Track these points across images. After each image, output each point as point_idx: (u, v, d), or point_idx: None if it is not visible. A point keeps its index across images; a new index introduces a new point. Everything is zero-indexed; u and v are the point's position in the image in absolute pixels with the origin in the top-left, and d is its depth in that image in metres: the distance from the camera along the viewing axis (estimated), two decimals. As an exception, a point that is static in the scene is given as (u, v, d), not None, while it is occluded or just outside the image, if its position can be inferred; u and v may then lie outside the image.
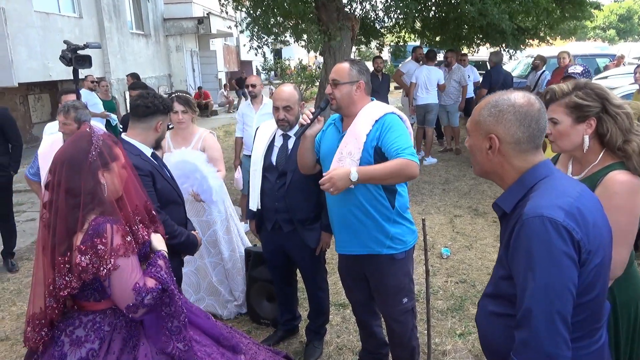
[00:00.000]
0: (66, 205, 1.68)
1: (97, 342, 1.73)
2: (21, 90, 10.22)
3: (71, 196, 1.69)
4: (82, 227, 1.68)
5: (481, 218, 5.65)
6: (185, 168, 3.25)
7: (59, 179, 1.70)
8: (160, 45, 16.61)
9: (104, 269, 1.65)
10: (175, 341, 1.79)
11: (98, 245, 1.64)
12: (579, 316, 1.31)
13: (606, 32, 38.05)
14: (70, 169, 1.70)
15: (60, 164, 1.72)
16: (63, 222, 1.68)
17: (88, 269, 1.64)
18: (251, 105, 5.27)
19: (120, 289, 1.69)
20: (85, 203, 1.69)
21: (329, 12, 7.64)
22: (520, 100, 1.40)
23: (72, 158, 1.72)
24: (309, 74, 18.25)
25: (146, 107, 2.47)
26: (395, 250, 2.46)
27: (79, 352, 1.71)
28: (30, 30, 9.47)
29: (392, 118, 2.38)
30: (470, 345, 3.22)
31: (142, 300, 1.71)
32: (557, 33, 11.15)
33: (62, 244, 1.67)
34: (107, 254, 1.65)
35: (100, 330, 1.75)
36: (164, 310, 1.80)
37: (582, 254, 1.28)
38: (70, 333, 1.74)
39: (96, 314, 1.77)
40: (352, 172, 2.18)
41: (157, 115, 2.51)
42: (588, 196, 1.40)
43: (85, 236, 1.66)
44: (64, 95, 4.48)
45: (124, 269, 1.69)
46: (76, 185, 1.69)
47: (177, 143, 3.50)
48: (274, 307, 3.50)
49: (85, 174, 1.70)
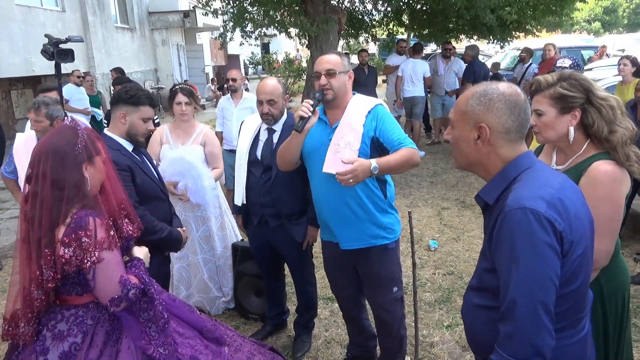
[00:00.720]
0: (52, 197, 1.66)
1: (79, 335, 1.72)
2: (3, 86, 10.05)
3: (57, 188, 1.67)
4: (65, 221, 1.66)
5: (468, 210, 5.68)
6: (182, 166, 3.21)
7: (44, 170, 1.67)
8: (146, 39, 16.40)
9: (87, 261, 1.64)
10: (156, 345, 1.78)
11: (82, 237, 1.63)
12: (562, 307, 1.31)
13: (591, 25, 38.38)
14: (57, 160, 1.68)
15: (46, 156, 1.69)
16: (48, 215, 1.66)
17: (71, 261, 1.63)
18: (231, 100, 5.24)
19: (105, 281, 1.69)
20: (70, 196, 1.68)
21: (315, 4, 7.60)
22: (508, 89, 1.40)
23: (58, 150, 1.70)
24: (296, 68, 18.15)
25: (113, 97, 2.51)
26: (387, 240, 2.50)
27: (62, 346, 1.70)
28: (12, 24, 9.30)
29: (383, 109, 2.45)
30: (457, 336, 3.24)
31: (127, 294, 1.71)
32: (543, 25, 11.23)
33: (46, 237, 1.66)
34: (91, 247, 1.64)
35: (83, 324, 1.74)
36: (142, 315, 1.79)
37: (564, 245, 1.28)
38: (53, 327, 1.73)
39: (78, 308, 1.76)
40: (372, 164, 2.21)
41: (119, 105, 2.49)
42: (570, 187, 1.40)
43: (67, 229, 1.64)
44: (42, 93, 4.38)
45: (108, 262, 1.69)
46: (62, 177, 1.67)
47: (177, 136, 3.45)
48: (261, 301, 3.49)
49: (71, 167, 1.69)
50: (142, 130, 2.53)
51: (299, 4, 7.71)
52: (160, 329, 1.81)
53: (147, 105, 2.51)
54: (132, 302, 1.75)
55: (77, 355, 1.70)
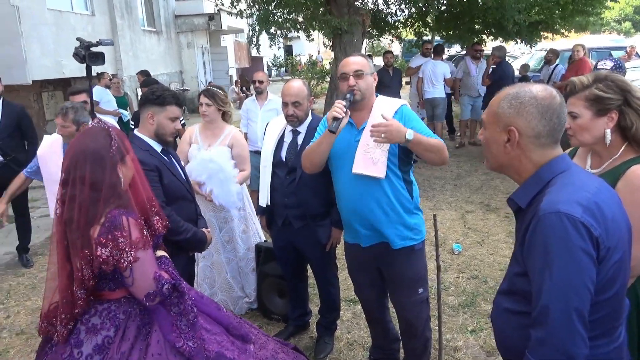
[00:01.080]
0: (89, 199, 1.72)
1: (112, 329, 1.78)
2: (35, 88, 10.33)
3: (95, 190, 1.73)
4: (100, 220, 1.72)
5: (493, 213, 5.60)
6: (210, 167, 3.25)
7: (82, 174, 1.72)
8: (172, 41, 16.68)
9: (124, 261, 1.70)
10: (185, 339, 1.82)
11: (119, 238, 1.69)
12: (597, 314, 1.28)
13: (621, 25, 37.38)
14: (95, 164, 1.74)
15: (83, 160, 1.74)
16: (85, 216, 1.71)
17: (109, 261, 1.69)
18: (256, 101, 5.29)
19: (141, 278, 1.75)
20: (107, 197, 1.73)
21: (340, 6, 7.60)
22: (542, 93, 1.36)
23: (95, 153, 1.76)
24: (319, 70, 18.18)
25: (141, 98, 2.58)
26: (414, 241, 2.49)
27: (95, 339, 1.76)
28: (44, 27, 9.55)
29: (408, 109, 2.47)
30: (482, 341, 3.20)
31: (161, 289, 1.77)
32: (572, 26, 10.98)
33: (84, 237, 1.72)
34: (127, 247, 1.70)
35: (116, 318, 1.80)
36: (173, 309, 1.84)
37: (600, 251, 1.25)
38: (86, 321, 1.79)
39: (111, 303, 1.82)
40: (408, 131, 2.20)
41: (146, 106, 2.55)
42: (606, 191, 1.36)
43: (102, 229, 1.70)
44: (72, 96, 4.46)
45: (144, 260, 1.75)
46: (101, 179, 1.73)
47: (205, 137, 3.49)
48: (284, 302, 3.51)
49: (108, 168, 1.75)
50: (169, 130, 2.57)
51: (324, 5, 7.72)
52: (191, 324, 1.85)
53: (174, 104, 2.55)
54: (166, 297, 1.81)
55: (110, 348, 1.76)
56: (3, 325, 3.78)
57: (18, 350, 3.44)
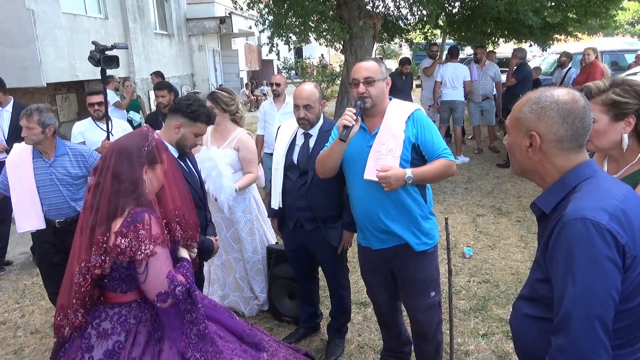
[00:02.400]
0: (111, 188, 1.77)
1: (123, 334, 1.78)
2: (49, 90, 10.47)
3: (116, 181, 1.78)
4: (122, 214, 1.75)
5: (504, 217, 5.57)
6: (207, 166, 3.29)
7: (109, 163, 1.80)
8: (183, 44, 16.81)
9: (141, 253, 1.71)
10: (194, 350, 1.82)
11: (140, 230, 1.71)
12: (620, 323, 1.26)
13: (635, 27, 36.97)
14: (120, 156, 1.81)
15: (111, 151, 1.83)
16: (106, 205, 1.76)
17: (126, 252, 1.71)
18: (273, 104, 5.31)
19: (155, 275, 1.74)
20: (127, 190, 1.77)
21: (351, 10, 7.61)
22: (564, 97, 1.34)
23: (124, 148, 1.83)
24: (329, 73, 18.21)
25: (173, 104, 2.57)
26: (427, 245, 2.50)
27: (106, 344, 1.76)
28: (58, 31, 9.68)
29: (422, 114, 2.47)
30: (493, 346, 3.19)
31: (173, 289, 1.76)
32: (585, 28, 10.89)
33: (102, 225, 1.75)
34: (146, 239, 1.72)
35: (127, 322, 1.80)
36: (186, 317, 1.83)
37: (626, 259, 1.22)
38: (97, 325, 1.79)
39: (122, 307, 1.82)
40: (407, 174, 2.28)
41: (177, 115, 2.56)
42: (634, 198, 1.34)
43: (125, 222, 1.73)
44: (90, 96, 4.55)
45: (160, 256, 1.75)
46: (122, 172, 1.78)
47: (215, 140, 3.53)
48: (295, 304, 3.52)
49: (132, 164, 1.80)
50: (191, 143, 2.62)
51: (334, 10, 7.74)
52: (201, 334, 1.85)
53: (205, 123, 2.59)
54: (179, 300, 1.79)
55: (121, 353, 1.76)
56: (18, 324, 3.84)
57: (33, 349, 3.49)
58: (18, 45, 8.69)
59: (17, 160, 3.30)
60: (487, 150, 8.73)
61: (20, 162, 3.29)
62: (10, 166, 3.30)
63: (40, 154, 3.30)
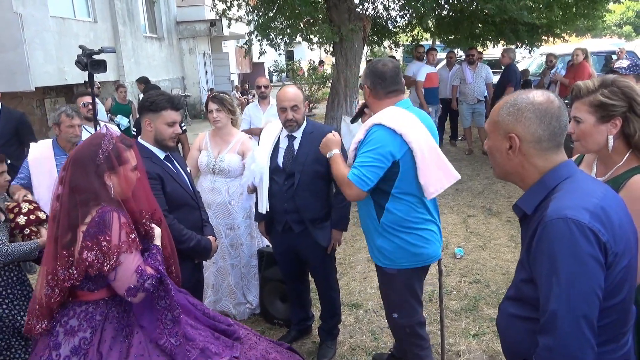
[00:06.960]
0: (69, 201, 1.78)
1: (89, 331, 1.80)
2: (38, 94, 10.38)
3: (73, 193, 1.79)
4: (85, 220, 1.76)
5: (495, 218, 5.60)
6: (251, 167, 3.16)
7: (66, 175, 1.82)
8: (174, 48, 16.75)
9: (107, 265, 1.73)
10: (168, 335, 1.85)
11: (102, 242, 1.72)
12: (604, 320, 1.27)
13: (622, 29, 37.37)
14: (74, 167, 1.81)
15: (68, 162, 1.84)
16: (66, 217, 1.77)
17: (94, 264, 1.73)
18: (258, 106, 5.31)
19: (123, 275, 1.77)
20: (86, 200, 1.78)
21: (340, 12, 7.61)
22: (539, 97, 1.37)
23: (79, 159, 1.83)
24: (320, 75, 18.22)
25: (138, 107, 2.61)
26: (381, 263, 2.51)
27: (72, 341, 1.78)
28: (47, 34, 9.61)
29: (376, 131, 2.32)
30: (484, 345, 3.20)
31: (143, 283, 1.79)
32: (573, 29, 10.98)
33: (64, 236, 1.76)
34: (110, 251, 1.73)
35: (92, 319, 1.82)
36: (160, 303, 1.87)
37: (608, 256, 1.24)
38: (65, 323, 1.82)
39: (89, 305, 1.84)
40: (333, 151, 2.46)
41: (143, 114, 2.56)
42: (612, 196, 1.36)
43: (87, 231, 1.73)
44: (79, 98, 4.57)
45: (128, 263, 1.77)
46: (78, 183, 1.79)
47: (215, 144, 3.50)
48: (287, 307, 3.51)
49: (88, 175, 1.80)
50: (167, 135, 2.55)
51: (324, 13, 7.74)
52: (176, 320, 1.88)
53: (168, 109, 2.52)
54: (150, 292, 1.83)
55: (87, 349, 1.78)
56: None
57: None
58: (6, 50, 8.61)
59: (39, 157, 3.41)
60: (477, 151, 8.78)
61: (43, 160, 3.41)
62: (33, 164, 3.40)
63: (62, 151, 3.42)
